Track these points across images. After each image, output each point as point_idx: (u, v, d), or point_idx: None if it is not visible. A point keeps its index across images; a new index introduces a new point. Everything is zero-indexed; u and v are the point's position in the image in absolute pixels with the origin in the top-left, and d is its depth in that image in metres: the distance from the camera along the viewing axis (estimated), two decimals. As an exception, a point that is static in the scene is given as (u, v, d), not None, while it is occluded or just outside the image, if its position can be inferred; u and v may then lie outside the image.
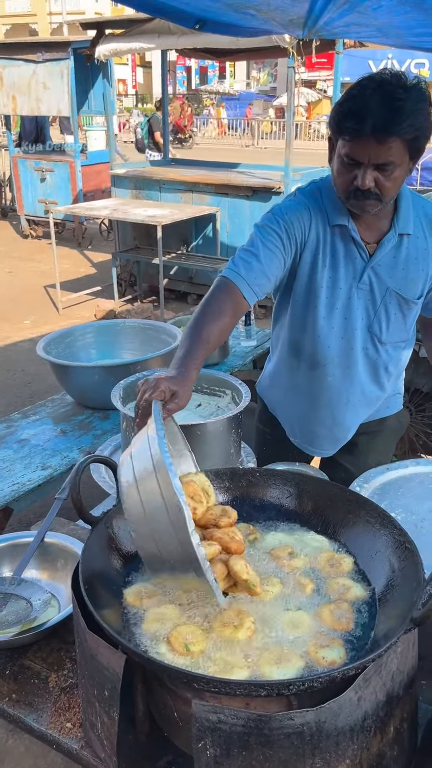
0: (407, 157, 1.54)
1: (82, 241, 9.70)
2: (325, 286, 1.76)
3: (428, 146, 1.62)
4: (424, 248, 1.75)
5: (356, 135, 1.50)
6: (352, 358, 1.84)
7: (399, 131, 1.47)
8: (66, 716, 1.23)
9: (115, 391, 1.84)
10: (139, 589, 1.14)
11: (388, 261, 1.74)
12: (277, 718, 0.88)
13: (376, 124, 1.47)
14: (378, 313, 1.79)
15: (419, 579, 1.05)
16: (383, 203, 1.60)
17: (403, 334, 1.85)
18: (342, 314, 1.79)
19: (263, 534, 1.31)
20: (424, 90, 1.51)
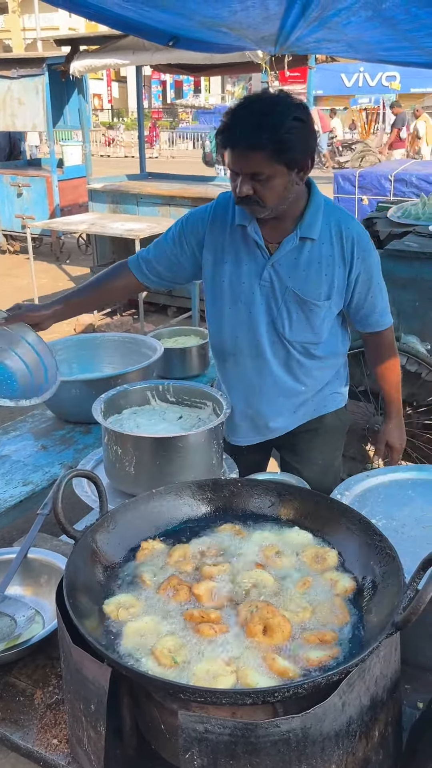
0: (283, 167, 1.67)
1: (59, 255, 9.69)
2: (228, 281, 1.92)
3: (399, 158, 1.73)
4: (330, 254, 1.87)
5: (228, 148, 1.68)
6: (259, 349, 1.97)
7: (259, 145, 1.62)
8: (52, 732, 1.23)
9: (96, 404, 1.84)
10: (119, 601, 1.14)
11: (288, 261, 1.86)
12: (263, 725, 0.89)
13: (240, 138, 1.64)
14: (280, 310, 1.91)
15: (400, 584, 1.07)
16: (268, 209, 1.74)
17: (308, 335, 1.94)
18: (246, 308, 1.93)
19: (249, 533, 1.32)
20: (293, 107, 1.66)
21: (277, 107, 1.64)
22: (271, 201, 1.72)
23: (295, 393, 2.06)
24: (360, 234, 1.90)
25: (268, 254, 1.88)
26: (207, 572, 1.21)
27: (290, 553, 1.27)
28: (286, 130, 1.63)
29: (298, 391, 2.05)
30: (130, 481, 1.73)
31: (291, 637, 1.05)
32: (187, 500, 1.40)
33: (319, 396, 2.11)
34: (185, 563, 1.24)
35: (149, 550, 1.27)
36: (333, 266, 1.87)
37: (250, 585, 1.17)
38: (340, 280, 1.89)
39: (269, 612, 1.06)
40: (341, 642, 1.05)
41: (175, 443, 1.69)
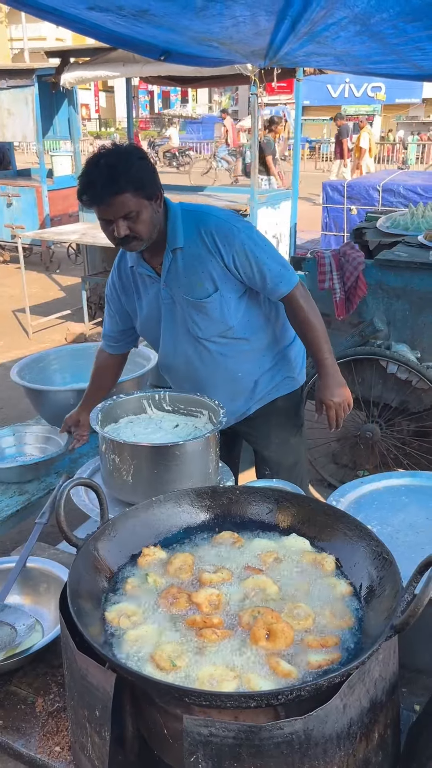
0: (144, 200, 1.89)
1: (50, 265, 9.69)
2: (145, 312, 2.19)
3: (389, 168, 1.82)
4: (198, 253, 2.04)
5: (96, 203, 1.87)
6: (188, 355, 2.18)
7: (120, 189, 1.83)
8: (54, 740, 1.24)
9: (93, 414, 1.86)
10: (120, 609, 1.16)
11: (172, 275, 2.07)
12: (267, 728, 0.90)
13: (103, 191, 1.83)
14: (185, 318, 2.11)
15: (397, 588, 1.09)
16: (144, 240, 1.96)
17: (218, 327, 2.12)
18: (164, 327, 2.17)
19: (248, 540, 1.34)
20: (133, 151, 1.91)
21: (120, 156, 1.87)
22: (145, 233, 1.94)
23: (236, 379, 2.23)
24: (216, 224, 2.05)
25: (158, 277, 2.11)
26: (206, 579, 1.22)
27: (289, 559, 1.29)
28: (136, 170, 1.86)
29: (236, 376, 2.22)
30: (127, 489, 1.75)
31: (293, 642, 1.07)
32: (186, 508, 1.42)
33: (271, 382, 2.28)
34: (185, 571, 1.26)
35: (150, 557, 1.28)
36: (205, 262, 2.04)
37: (250, 591, 1.19)
38: (218, 271, 2.05)
39: (273, 617, 1.08)
40: (342, 646, 1.07)
41: (172, 451, 1.71)
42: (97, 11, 2.19)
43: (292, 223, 6.87)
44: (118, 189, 1.83)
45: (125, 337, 2.34)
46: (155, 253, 2.07)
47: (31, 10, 2.30)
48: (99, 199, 1.86)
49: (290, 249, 6.86)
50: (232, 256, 2.02)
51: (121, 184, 1.83)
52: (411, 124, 27.65)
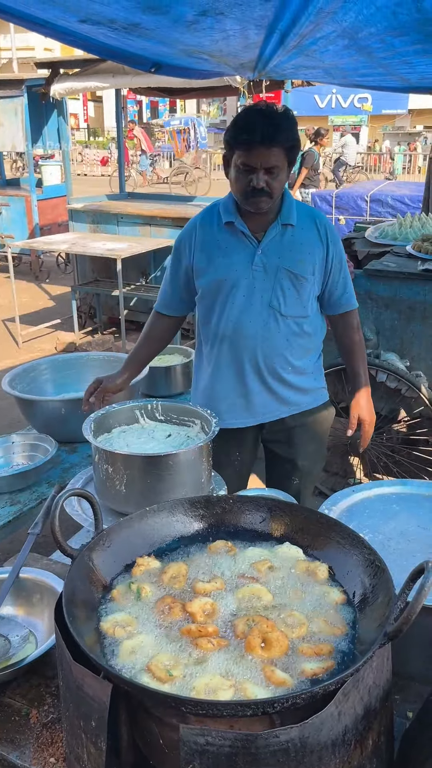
0: (287, 162, 2.01)
1: (39, 274, 9.69)
2: (223, 272, 2.17)
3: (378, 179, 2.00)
4: (308, 237, 2.18)
5: (249, 145, 1.95)
6: (257, 328, 2.19)
7: (280, 140, 1.94)
8: (49, 751, 1.23)
9: (86, 424, 1.86)
10: (115, 619, 1.16)
11: (274, 245, 2.15)
12: (263, 736, 0.91)
13: (264, 135, 1.92)
14: (275, 289, 2.16)
15: (390, 595, 1.10)
16: (273, 199, 2.05)
17: (300, 309, 2.21)
18: (243, 292, 2.17)
19: (241, 549, 1.35)
20: (292, 115, 2.02)
21: (284, 113, 1.99)
22: (277, 192, 2.04)
23: (290, 373, 2.28)
24: (329, 223, 2.25)
25: (257, 242, 2.15)
26: (200, 589, 1.23)
27: (282, 567, 1.30)
28: (294, 131, 2.01)
29: (293, 366, 2.28)
30: (120, 499, 1.76)
31: (288, 650, 1.07)
32: (179, 517, 1.42)
33: (311, 391, 2.36)
34: (179, 581, 1.26)
35: (145, 566, 1.29)
36: (313, 247, 2.18)
37: (245, 599, 1.19)
38: (320, 260, 2.19)
39: (268, 626, 1.09)
40: (336, 653, 1.08)
41: (165, 461, 1.72)
42: (88, 24, 2.22)
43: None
44: (276, 139, 1.93)
45: (187, 298, 2.34)
46: (259, 221, 2.14)
47: (22, 22, 2.32)
48: (259, 139, 1.92)
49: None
50: (333, 255, 2.21)
51: (280, 137, 1.94)
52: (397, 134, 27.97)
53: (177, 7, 1.95)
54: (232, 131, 1.99)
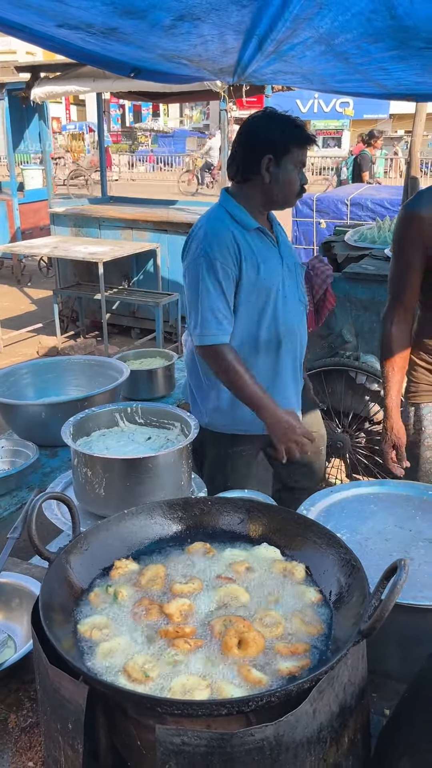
0: None
1: (21, 278, 9.65)
2: (266, 278, 2.23)
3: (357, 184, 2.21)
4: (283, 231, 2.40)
5: (308, 143, 2.23)
6: (298, 329, 2.34)
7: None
8: (28, 755, 1.23)
9: (65, 428, 1.86)
10: (93, 622, 1.16)
11: (284, 242, 2.31)
12: (238, 735, 0.92)
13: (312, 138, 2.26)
14: (299, 285, 2.33)
15: (365, 594, 1.11)
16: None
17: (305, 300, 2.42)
18: (283, 294, 2.27)
19: (219, 551, 1.36)
20: None
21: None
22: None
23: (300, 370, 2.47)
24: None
25: (276, 243, 2.31)
26: (178, 590, 1.23)
27: (260, 568, 1.30)
28: None
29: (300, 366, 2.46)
30: (100, 502, 1.76)
31: (264, 650, 1.08)
32: (158, 519, 1.43)
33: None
34: (156, 583, 1.27)
35: (122, 569, 1.29)
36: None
37: (222, 600, 1.20)
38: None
39: (244, 626, 1.10)
40: (312, 652, 1.09)
41: (144, 464, 1.72)
42: (66, 29, 2.22)
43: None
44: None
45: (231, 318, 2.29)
46: (265, 222, 2.31)
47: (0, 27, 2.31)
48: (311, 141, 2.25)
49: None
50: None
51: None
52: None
53: (154, 11, 1.96)
54: (292, 132, 2.20)
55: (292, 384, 2.44)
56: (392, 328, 2.29)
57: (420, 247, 2.13)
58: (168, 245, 6.78)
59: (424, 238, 2.12)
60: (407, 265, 2.19)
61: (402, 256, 2.21)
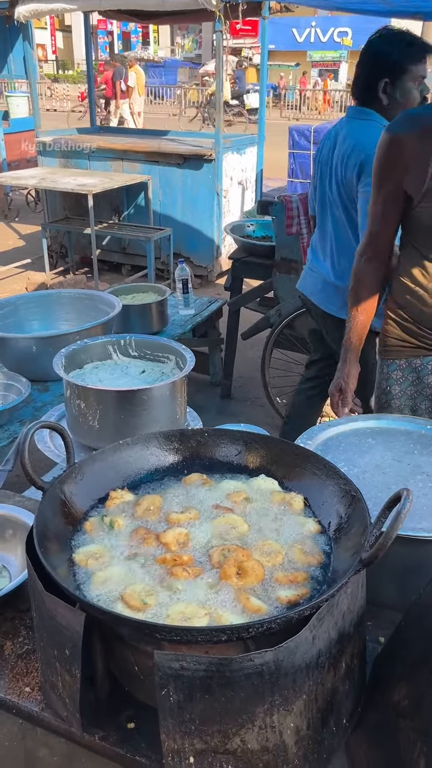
0: None
1: (8, 212, 9.37)
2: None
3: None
4: None
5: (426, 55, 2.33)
6: None
7: None
8: (24, 681, 1.23)
9: (57, 359, 1.81)
10: (88, 551, 1.14)
11: None
12: (238, 660, 0.91)
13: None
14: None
15: (366, 524, 1.10)
16: None
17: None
18: None
19: (216, 483, 1.34)
20: None
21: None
22: None
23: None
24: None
25: None
26: (174, 519, 1.21)
27: (258, 498, 1.28)
28: None
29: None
30: (93, 435, 1.72)
31: (264, 579, 1.07)
32: (154, 451, 1.40)
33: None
34: (152, 513, 1.25)
35: (118, 500, 1.27)
36: None
37: (220, 529, 1.18)
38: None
39: (243, 555, 1.08)
40: (311, 581, 1.08)
41: (139, 396, 1.68)
42: None
43: (258, 169, 6.73)
44: None
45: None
46: None
47: None
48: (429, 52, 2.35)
49: (257, 195, 6.74)
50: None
51: None
52: (377, 71, 27.09)
53: None
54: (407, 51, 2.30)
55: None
56: (363, 265, 2.10)
57: (398, 173, 1.89)
58: (160, 177, 6.56)
59: (403, 163, 1.87)
60: (384, 196, 1.96)
61: (379, 184, 1.97)
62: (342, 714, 1.08)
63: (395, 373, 2.17)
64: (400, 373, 2.15)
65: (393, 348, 2.15)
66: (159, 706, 0.94)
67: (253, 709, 0.94)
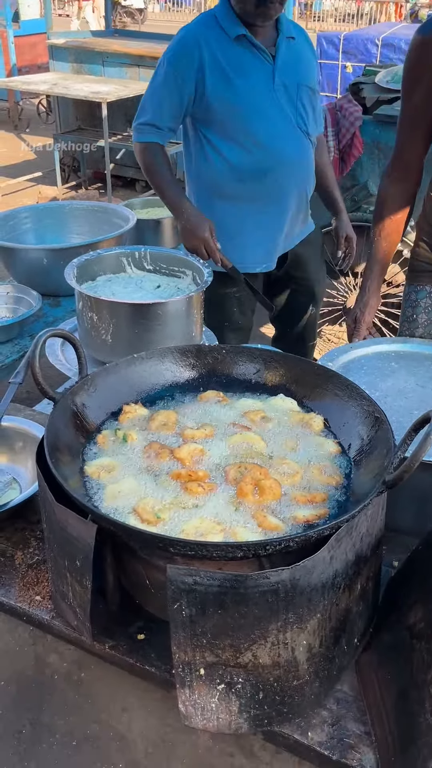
0: None
1: (18, 123, 9.00)
2: (243, 96, 1.98)
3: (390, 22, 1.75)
4: (306, 49, 2.15)
5: None
6: (292, 157, 2.08)
7: None
8: (35, 590, 1.23)
9: (68, 269, 1.73)
10: (100, 463, 1.11)
11: (288, 60, 2.03)
12: (253, 577, 0.89)
13: None
14: (298, 108, 2.06)
15: (390, 446, 1.05)
16: (279, 11, 1.95)
17: (316, 128, 2.17)
18: (270, 116, 2.01)
19: (233, 401, 1.29)
20: None
21: None
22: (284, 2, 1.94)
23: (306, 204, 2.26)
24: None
25: (272, 59, 2.01)
26: (189, 435, 1.17)
27: (276, 418, 1.24)
28: None
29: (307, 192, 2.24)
30: (106, 350, 1.67)
31: (281, 498, 1.03)
32: (169, 366, 1.34)
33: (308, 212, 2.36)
34: (167, 428, 1.21)
35: (131, 414, 1.22)
36: (311, 59, 2.16)
37: (237, 447, 1.14)
38: (315, 74, 2.16)
39: (261, 473, 1.04)
40: (329, 502, 1.05)
41: (153, 311, 1.62)
42: None
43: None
44: None
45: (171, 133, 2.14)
46: (265, 35, 2.02)
47: None
48: None
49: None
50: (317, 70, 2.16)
51: None
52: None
53: None
54: None
55: (286, 223, 2.23)
56: (389, 186, 1.91)
57: (429, 78, 1.69)
58: (178, 88, 6.21)
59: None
60: (414, 105, 1.77)
61: (409, 91, 1.77)
62: (354, 633, 1.07)
63: (424, 301, 2.03)
64: (429, 301, 2.04)
65: (423, 273, 2.00)
66: (171, 619, 0.92)
67: (267, 626, 0.92)
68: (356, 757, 0.99)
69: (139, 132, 2.09)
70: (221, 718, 0.99)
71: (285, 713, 1.00)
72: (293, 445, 1.16)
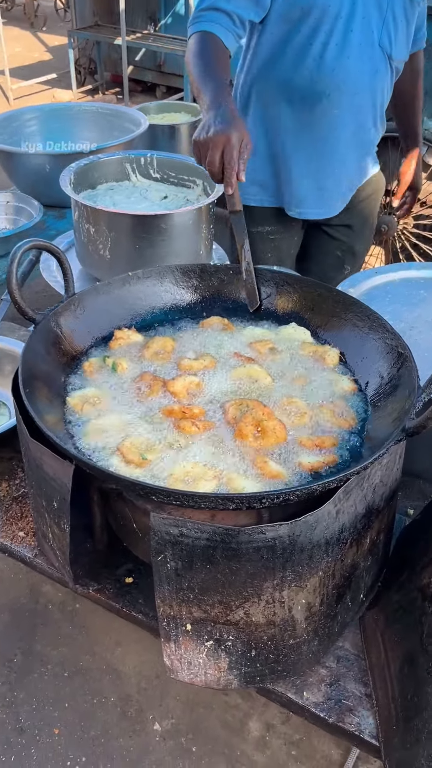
0: None
1: (34, 20, 8.43)
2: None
3: None
4: None
5: None
6: (357, 85, 1.60)
7: None
8: (18, 525, 1.15)
9: (64, 174, 1.56)
10: (84, 395, 0.99)
11: None
12: (246, 532, 0.78)
13: None
14: (386, 21, 1.56)
15: (414, 386, 0.91)
16: None
17: (405, 51, 1.66)
18: (342, 27, 1.52)
19: (239, 329, 1.15)
20: None
21: None
22: None
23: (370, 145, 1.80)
24: None
25: None
26: (186, 366, 1.04)
27: (286, 349, 1.10)
28: None
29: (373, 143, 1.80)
30: (104, 266, 1.52)
31: (286, 441, 0.91)
32: (168, 287, 1.20)
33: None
34: (163, 357, 1.08)
35: (124, 340, 1.09)
36: None
37: (238, 381, 1.01)
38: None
39: (264, 413, 0.92)
40: (340, 448, 0.92)
41: (157, 223, 1.45)
42: None
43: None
44: None
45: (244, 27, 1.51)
46: None
47: None
48: None
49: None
50: None
51: None
52: None
53: None
54: None
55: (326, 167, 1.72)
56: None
57: None
58: (203, -19, 5.69)
59: None
60: None
61: None
62: (360, 589, 0.98)
63: None
64: None
65: None
66: (155, 572, 0.83)
67: (261, 583, 0.83)
68: (354, 721, 0.91)
69: (195, 21, 1.47)
70: (209, 673, 0.91)
71: (279, 671, 0.93)
72: (303, 382, 1.03)
